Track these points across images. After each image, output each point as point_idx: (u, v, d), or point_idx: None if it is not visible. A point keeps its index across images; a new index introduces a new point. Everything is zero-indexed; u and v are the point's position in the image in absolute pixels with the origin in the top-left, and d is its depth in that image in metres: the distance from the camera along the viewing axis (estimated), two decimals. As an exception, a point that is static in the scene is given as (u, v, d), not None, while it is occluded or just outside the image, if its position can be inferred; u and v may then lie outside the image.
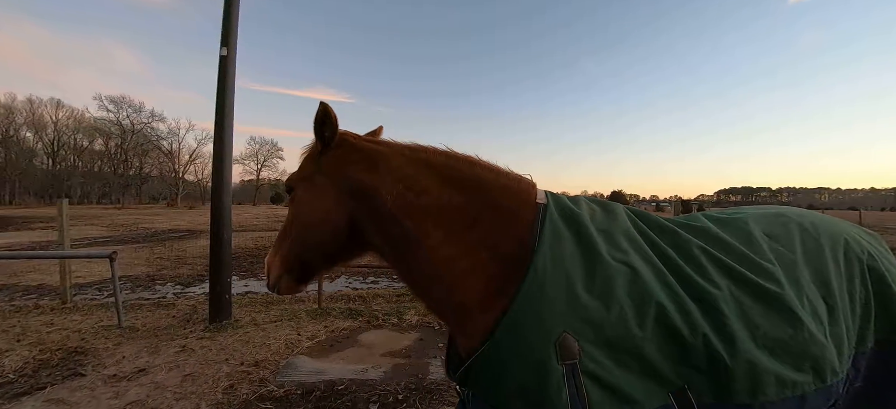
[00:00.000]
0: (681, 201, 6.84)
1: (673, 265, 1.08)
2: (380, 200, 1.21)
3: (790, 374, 1.01)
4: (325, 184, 1.30)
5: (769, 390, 0.98)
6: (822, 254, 1.23)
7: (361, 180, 1.25)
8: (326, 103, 1.25)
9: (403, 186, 1.21)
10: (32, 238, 15.83)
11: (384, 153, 1.29)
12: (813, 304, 1.12)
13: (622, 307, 0.97)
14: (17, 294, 7.26)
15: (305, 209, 1.32)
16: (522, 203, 1.17)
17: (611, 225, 1.14)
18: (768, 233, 1.27)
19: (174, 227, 23.32)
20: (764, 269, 1.12)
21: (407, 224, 1.18)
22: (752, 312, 1.04)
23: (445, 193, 1.19)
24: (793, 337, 1.03)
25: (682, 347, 0.96)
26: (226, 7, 5.42)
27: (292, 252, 1.31)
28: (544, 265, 1.00)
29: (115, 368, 3.99)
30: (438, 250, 1.14)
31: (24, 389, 3.53)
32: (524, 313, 0.96)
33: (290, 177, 1.41)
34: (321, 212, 1.29)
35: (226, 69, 5.40)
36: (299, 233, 1.31)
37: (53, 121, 72.02)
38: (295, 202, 1.35)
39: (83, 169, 75.27)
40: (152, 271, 9.70)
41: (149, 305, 6.35)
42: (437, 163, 1.26)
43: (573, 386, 0.90)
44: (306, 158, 1.39)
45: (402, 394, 3.55)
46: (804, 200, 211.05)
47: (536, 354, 0.93)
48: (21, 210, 42.01)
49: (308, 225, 1.30)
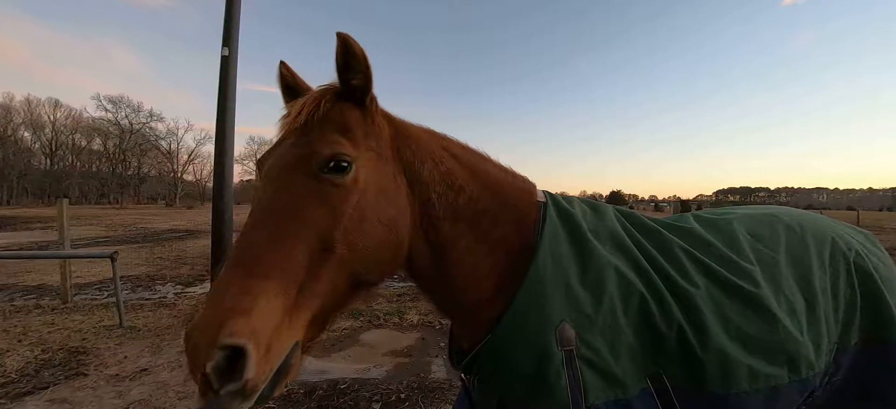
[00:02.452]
0: (680, 202, 6.87)
1: (656, 264, 1.14)
2: (431, 200, 1.08)
3: (763, 367, 1.06)
4: (393, 166, 1.05)
5: (741, 381, 1.04)
6: (807, 253, 1.28)
7: (421, 174, 1.08)
8: (345, 35, 0.93)
9: (445, 184, 1.10)
10: (31, 238, 15.79)
11: (428, 141, 1.14)
12: (791, 301, 1.17)
13: (612, 299, 1.04)
14: (18, 294, 7.25)
15: (377, 200, 0.96)
16: (529, 204, 1.20)
17: (600, 225, 1.20)
18: (753, 233, 1.32)
19: (173, 227, 23.29)
20: (742, 269, 1.19)
21: (445, 228, 1.09)
22: (727, 309, 1.10)
23: (476, 193, 1.13)
24: (766, 333, 1.09)
25: (659, 336, 1.03)
26: (227, 7, 5.44)
27: (338, 279, 0.89)
28: (545, 261, 1.06)
29: (117, 368, 4.00)
30: (469, 254, 1.10)
31: (26, 389, 3.54)
32: (528, 305, 1.02)
33: (342, 143, 0.94)
34: (396, 209, 1.00)
35: (227, 69, 5.42)
36: (366, 238, 0.92)
37: (51, 121, 71.92)
38: (357, 190, 0.94)
39: (81, 169, 75.06)
40: (152, 271, 9.69)
41: (150, 305, 6.36)
42: (463, 157, 1.18)
43: (570, 370, 0.97)
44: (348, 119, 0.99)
45: (405, 393, 3.57)
46: (802, 201, 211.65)
47: (539, 341, 0.99)
48: (19, 210, 41.89)
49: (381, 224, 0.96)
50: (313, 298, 0.85)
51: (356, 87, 0.99)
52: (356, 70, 0.97)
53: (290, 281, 0.81)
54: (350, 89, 1.00)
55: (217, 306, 0.74)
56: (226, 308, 0.73)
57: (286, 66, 1.15)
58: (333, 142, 0.94)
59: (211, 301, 0.77)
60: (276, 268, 0.80)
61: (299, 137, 0.97)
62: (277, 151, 0.99)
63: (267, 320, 0.75)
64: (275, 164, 0.97)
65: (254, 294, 0.76)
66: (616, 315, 1.02)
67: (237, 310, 0.73)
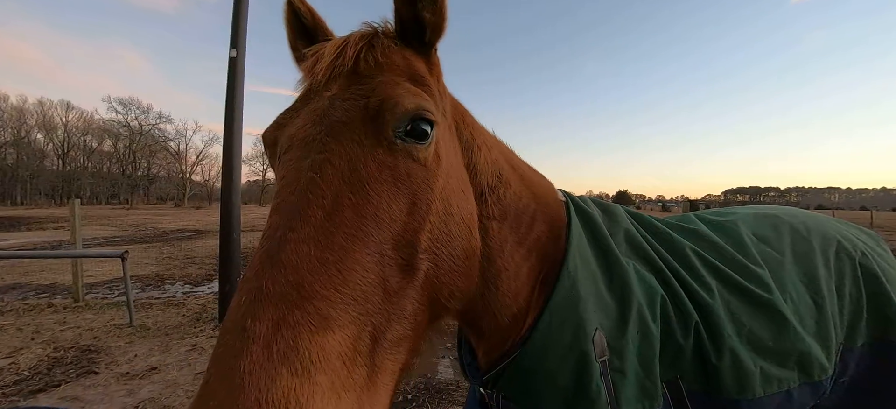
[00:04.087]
0: (688, 201, 6.77)
1: (671, 267, 1.11)
2: (483, 195, 0.93)
3: (775, 371, 1.04)
4: (458, 143, 0.87)
5: (755, 386, 1.01)
6: (812, 254, 1.26)
7: (476, 161, 0.92)
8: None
9: (496, 176, 0.96)
10: (44, 238, 16.07)
11: (476, 124, 1.00)
12: (798, 303, 1.15)
13: (641, 304, 0.99)
14: (31, 293, 7.37)
15: (456, 185, 0.76)
16: (557, 203, 1.12)
17: (614, 227, 1.16)
18: (757, 235, 1.30)
19: (182, 227, 23.56)
20: (751, 272, 1.16)
21: (494, 228, 0.94)
22: (739, 312, 1.07)
23: (517, 188, 1.01)
24: (777, 336, 1.07)
25: (677, 341, 1.00)
26: (235, 10, 5.48)
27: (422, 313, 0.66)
28: (575, 265, 0.99)
29: (127, 366, 4.04)
30: (512, 259, 0.97)
31: (39, 386, 3.59)
32: (564, 313, 0.93)
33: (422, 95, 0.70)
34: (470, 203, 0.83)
35: (235, 71, 5.46)
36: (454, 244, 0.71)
37: (64, 122, 73.29)
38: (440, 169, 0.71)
39: (92, 170, 76.30)
40: (162, 270, 9.80)
41: (159, 304, 6.43)
42: (501, 147, 1.06)
43: (606, 382, 0.89)
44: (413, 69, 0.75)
45: (412, 393, 3.56)
46: (814, 201, 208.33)
47: (577, 351, 0.90)
48: (32, 211, 42.72)
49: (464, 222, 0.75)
50: (394, 352, 0.57)
51: (425, 24, 0.73)
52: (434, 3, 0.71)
53: (363, 327, 0.52)
54: (413, 28, 0.74)
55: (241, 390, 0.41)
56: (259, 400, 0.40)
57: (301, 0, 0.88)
58: (413, 93, 0.66)
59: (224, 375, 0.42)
60: (339, 303, 0.50)
61: (350, 87, 0.67)
62: (310, 108, 0.69)
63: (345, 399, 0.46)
64: (310, 125, 0.66)
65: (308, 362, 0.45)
66: (646, 322, 0.97)
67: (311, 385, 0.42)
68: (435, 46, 0.78)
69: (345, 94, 0.67)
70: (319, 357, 0.45)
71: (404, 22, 0.74)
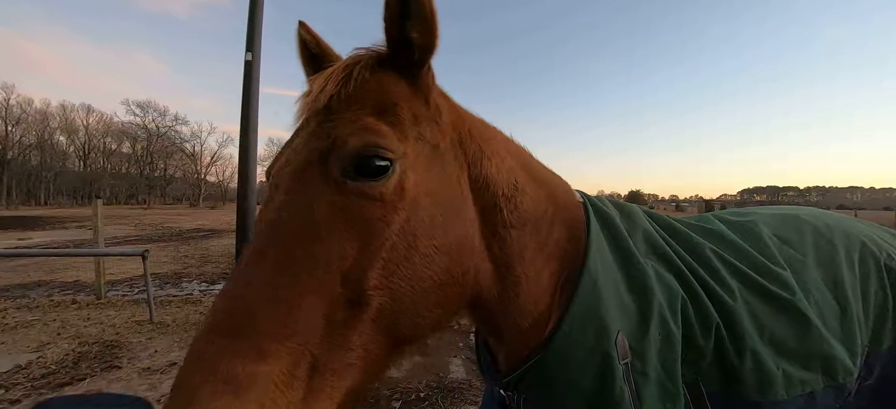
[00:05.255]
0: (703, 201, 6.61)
1: (691, 268, 1.09)
2: (498, 205, 0.90)
3: (799, 373, 1.03)
4: (455, 163, 0.82)
5: (778, 388, 0.99)
6: (836, 255, 1.23)
7: (486, 171, 0.89)
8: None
9: (512, 186, 0.94)
10: (66, 237, 16.60)
11: (488, 131, 0.97)
12: (822, 305, 1.13)
13: (661, 306, 0.98)
14: (56, 290, 7.63)
15: (433, 217, 0.73)
16: (575, 204, 1.11)
17: (632, 227, 1.14)
18: (779, 236, 1.28)
19: (198, 226, 24.06)
20: (774, 273, 1.14)
21: (513, 236, 0.92)
22: (761, 314, 1.06)
23: (534, 192, 1.00)
24: (801, 338, 1.05)
25: (698, 343, 0.99)
26: (250, 14, 5.59)
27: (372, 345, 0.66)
28: (596, 266, 0.98)
29: (148, 361, 4.16)
30: (532, 265, 0.95)
31: (65, 379, 3.72)
32: (586, 315, 0.93)
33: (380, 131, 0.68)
34: (461, 227, 0.79)
35: (250, 73, 5.57)
36: (417, 280, 0.69)
37: (85, 125, 75.61)
38: (404, 204, 0.70)
39: (112, 171, 78.48)
40: (179, 268, 10.04)
41: (177, 301, 6.59)
42: (517, 152, 1.05)
43: (629, 386, 0.89)
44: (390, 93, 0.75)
45: (424, 392, 3.59)
46: (834, 200, 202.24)
47: (600, 354, 0.90)
48: (55, 210, 44.15)
49: (440, 253, 0.72)
50: (336, 378, 0.60)
51: (413, 44, 0.72)
52: (417, 17, 0.69)
53: (300, 357, 0.57)
54: (401, 49, 0.74)
55: (189, 404, 0.50)
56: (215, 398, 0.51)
57: (307, 28, 0.92)
58: (365, 129, 0.67)
59: (179, 389, 0.52)
60: (278, 336, 0.56)
61: (319, 124, 0.70)
62: (290, 147, 0.73)
63: None
64: (282, 166, 0.71)
65: (243, 386, 0.52)
66: (668, 324, 0.96)
67: None
68: (426, 65, 0.76)
69: (316, 132, 0.70)
70: (254, 382, 0.53)
71: (394, 43, 0.74)
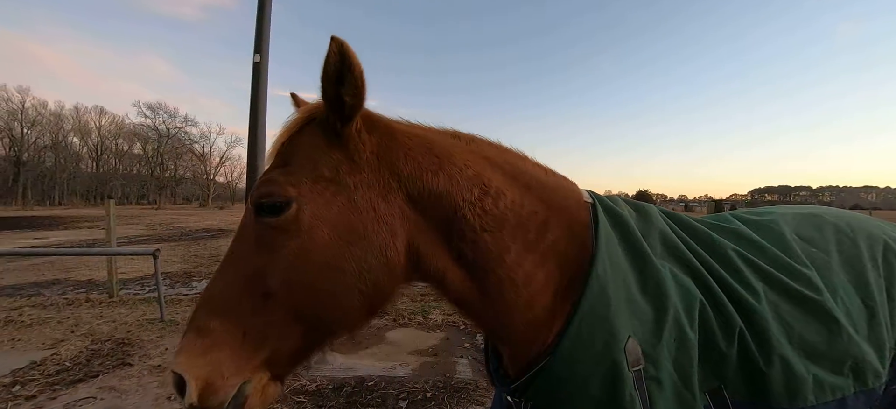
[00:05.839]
0: (713, 201, 6.52)
1: (711, 270, 1.06)
2: (459, 212, 0.96)
3: (829, 378, 1.00)
4: (369, 192, 0.92)
5: (807, 394, 0.96)
6: (860, 255, 1.20)
7: (432, 185, 0.96)
8: (341, 41, 0.84)
9: (480, 191, 0.99)
10: (79, 236, 16.91)
11: (445, 145, 1.03)
12: (849, 306, 1.10)
13: (677, 310, 0.95)
14: (69, 288, 7.78)
15: (330, 241, 0.87)
16: (578, 205, 1.09)
17: (648, 227, 1.11)
18: (801, 235, 1.24)
19: (207, 226, 24.36)
20: (800, 273, 1.10)
21: (486, 239, 0.96)
22: (788, 316, 1.03)
23: (518, 196, 1.02)
24: (831, 341, 1.02)
25: (720, 347, 0.96)
26: (258, 16, 5.64)
27: (286, 328, 0.86)
28: (604, 269, 0.95)
29: (159, 358, 4.22)
30: (518, 266, 0.97)
31: (79, 376, 3.79)
32: (593, 319, 0.91)
33: (276, 181, 0.90)
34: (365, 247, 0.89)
35: (259, 75, 5.62)
36: (312, 287, 0.86)
37: (97, 127, 76.89)
38: (300, 232, 0.86)
39: (123, 172, 79.81)
40: (189, 267, 10.18)
41: (187, 300, 6.68)
42: (498, 158, 1.07)
43: (640, 393, 0.87)
44: (305, 146, 0.94)
45: (431, 392, 3.59)
46: (849, 200, 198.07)
47: (608, 360, 0.88)
48: (69, 210, 45.02)
49: (337, 269, 0.87)
50: (262, 343, 0.85)
51: (345, 104, 0.89)
52: (350, 83, 0.86)
53: (235, 325, 0.84)
54: (334, 105, 0.90)
55: (183, 334, 0.86)
56: (184, 340, 0.85)
57: (296, 99, 1.16)
58: (266, 181, 0.91)
59: (183, 339, 0.86)
60: (224, 310, 0.85)
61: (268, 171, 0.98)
62: None
63: (207, 359, 0.82)
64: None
65: (202, 333, 0.84)
66: (683, 328, 0.93)
67: (186, 347, 0.83)
68: (353, 119, 0.93)
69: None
70: (208, 330, 0.84)
71: (329, 101, 0.91)
